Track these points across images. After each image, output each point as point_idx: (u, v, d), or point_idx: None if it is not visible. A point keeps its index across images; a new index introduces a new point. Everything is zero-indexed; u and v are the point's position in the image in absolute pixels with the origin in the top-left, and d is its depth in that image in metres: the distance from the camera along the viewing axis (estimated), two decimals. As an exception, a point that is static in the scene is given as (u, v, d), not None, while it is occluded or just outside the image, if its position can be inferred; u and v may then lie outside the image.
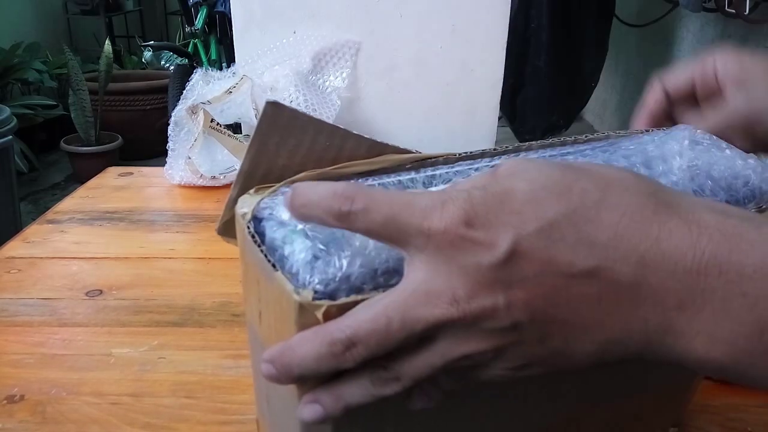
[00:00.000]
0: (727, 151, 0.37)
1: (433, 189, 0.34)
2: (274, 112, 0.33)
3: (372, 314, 0.25)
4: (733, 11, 1.80)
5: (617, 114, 3.28)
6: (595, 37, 2.73)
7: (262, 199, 0.33)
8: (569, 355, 0.25)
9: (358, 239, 0.28)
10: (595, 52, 2.78)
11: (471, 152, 0.37)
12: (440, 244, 0.24)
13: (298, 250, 0.28)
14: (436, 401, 0.29)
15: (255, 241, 0.30)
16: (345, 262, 0.27)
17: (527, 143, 0.39)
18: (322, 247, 0.28)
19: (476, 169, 0.36)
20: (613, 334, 0.25)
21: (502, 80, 1.03)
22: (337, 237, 0.28)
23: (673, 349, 0.24)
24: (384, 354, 0.26)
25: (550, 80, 2.73)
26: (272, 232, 0.30)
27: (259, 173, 0.34)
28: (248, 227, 0.31)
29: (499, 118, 1.16)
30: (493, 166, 0.36)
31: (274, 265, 0.28)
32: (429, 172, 0.36)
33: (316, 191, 0.27)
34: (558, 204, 0.24)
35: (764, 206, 0.35)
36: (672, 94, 0.43)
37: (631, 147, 0.38)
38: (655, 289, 0.24)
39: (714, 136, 0.39)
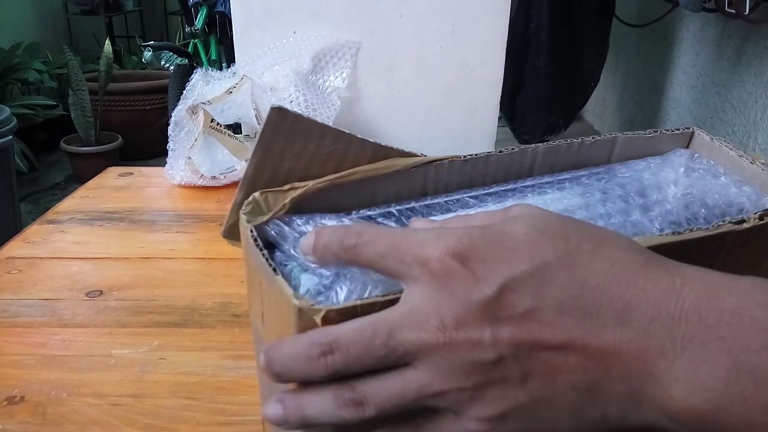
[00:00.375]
0: (723, 178, 0.38)
1: (434, 218, 0.35)
2: (279, 117, 0.33)
3: (358, 325, 0.25)
4: (733, 11, 1.80)
5: (617, 114, 3.28)
6: (595, 36, 2.72)
7: (272, 216, 0.33)
8: (549, 402, 0.25)
9: (358, 277, 0.29)
10: (595, 52, 2.78)
11: (476, 155, 0.38)
12: (435, 273, 0.25)
13: (303, 284, 0.29)
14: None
15: (257, 245, 0.30)
16: (342, 297, 0.28)
17: (533, 145, 0.39)
18: (325, 282, 0.29)
19: (475, 197, 0.37)
20: (594, 380, 0.24)
21: (502, 80, 1.02)
22: (339, 274, 0.29)
23: (652, 401, 0.24)
24: (357, 372, 0.25)
25: (549, 80, 2.73)
26: (281, 266, 0.31)
27: (264, 177, 0.35)
28: (251, 231, 0.31)
29: (499, 118, 1.16)
30: (490, 194, 0.37)
31: (275, 269, 0.29)
32: (428, 201, 0.37)
33: (335, 232, 0.28)
34: (554, 248, 0.25)
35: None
36: None
37: (627, 175, 0.39)
38: (638, 333, 0.24)
39: (711, 161, 0.40)
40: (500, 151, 0.38)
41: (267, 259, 0.29)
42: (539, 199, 0.37)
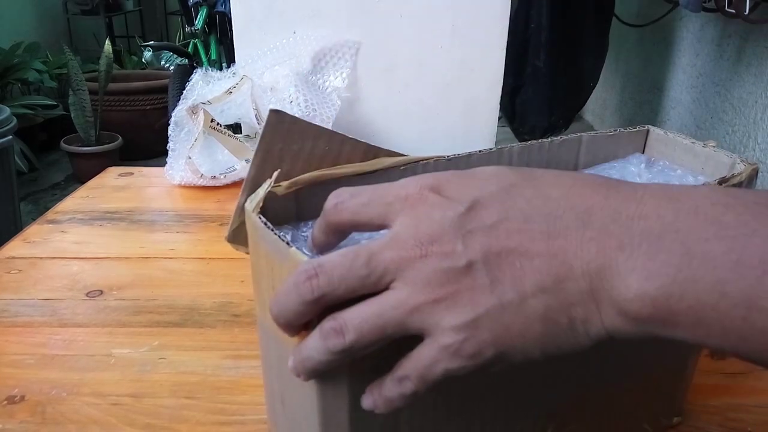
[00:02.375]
0: (679, 171, 0.44)
1: None
2: (277, 120, 0.35)
3: (343, 251, 0.27)
4: (733, 11, 1.80)
5: (617, 114, 3.28)
6: (595, 37, 2.72)
7: (269, 186, 0.34)
8: (518, 306, 0.26)
9: None
10: (594, 53, 2.77)
11: (459, 154, 0.40)
12: (415, 203, 0.28)
13: None
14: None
15: (267, 226, 0.31)
16: None
17: (509, 145, 0.43)
18: None
19: None
20: (558, 278, 0.26)
21: (501, 80, 1.02)
22: None
23: (611, 295, 0.25)
24: (342, 296, 0.27)
25: (549, 80, 2.73)
26: None
27: (265, 179, 0.36)
28: (260, 217, 0.32)
29: (499, 119, 1.16)
30: None
31: (288, 243, 0.30)
32: None
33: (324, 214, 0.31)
34: (521, 175, 0.29)
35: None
36: None
37: (594, 173, 0.43)
38: (599, 231, 0.26)
39: (667, 161, 0.45)
40: (480, 151, 0.41)
41: (279, 236, 0.30)
42: None
